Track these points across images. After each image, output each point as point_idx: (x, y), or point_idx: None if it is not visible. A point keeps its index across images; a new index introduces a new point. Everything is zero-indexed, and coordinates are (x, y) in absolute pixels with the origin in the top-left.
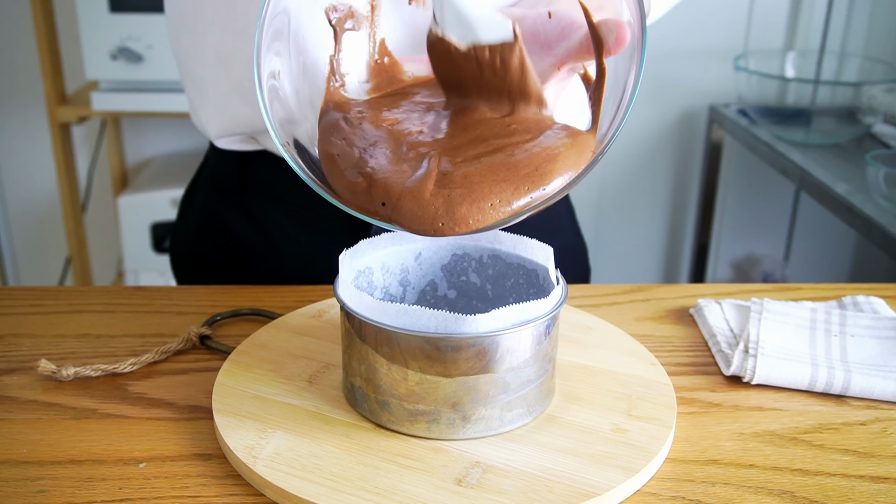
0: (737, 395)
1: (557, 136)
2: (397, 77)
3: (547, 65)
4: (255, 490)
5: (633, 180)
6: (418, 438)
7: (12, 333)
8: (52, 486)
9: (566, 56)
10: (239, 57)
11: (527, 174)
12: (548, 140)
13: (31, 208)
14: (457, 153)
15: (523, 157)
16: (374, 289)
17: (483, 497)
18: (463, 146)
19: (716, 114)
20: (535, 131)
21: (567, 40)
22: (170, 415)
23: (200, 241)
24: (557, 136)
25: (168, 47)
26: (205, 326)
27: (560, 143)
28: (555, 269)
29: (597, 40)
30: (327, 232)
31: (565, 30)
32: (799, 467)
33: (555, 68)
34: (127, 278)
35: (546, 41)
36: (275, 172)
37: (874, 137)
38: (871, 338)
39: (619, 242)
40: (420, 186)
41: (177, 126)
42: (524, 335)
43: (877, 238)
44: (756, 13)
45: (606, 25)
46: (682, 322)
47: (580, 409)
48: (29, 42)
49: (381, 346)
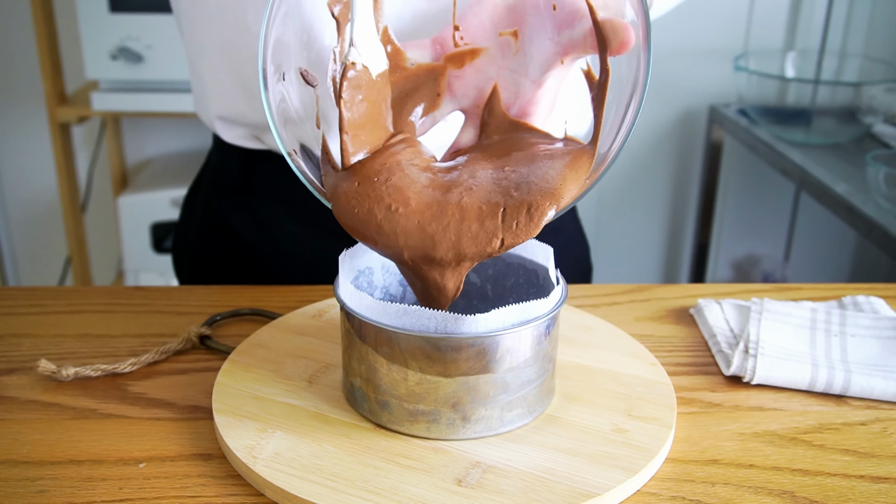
0: (737, 395)
1: (553, 165)
2: (400, 65)
3: (550, 52)
4: (255, 490)
5: (633, 180)
6: (418, 438)
7: (12, 333)
8: (52, 486)
9: (570, 46)
10: (243, 52)
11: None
12: (541, 170)
13: (31, 208)
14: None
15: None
16: (374, 289)
17: (483, 497)
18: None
19: (716, 114)
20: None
21: (571, 29)
22: (170, 415)
23: (203, 241)
24: (553, 165)
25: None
26: (205, 326)
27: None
28: (555, 269)
29: (601, 39)
30: (330, 231)
31: (568, 17)
32: (799, 467)
33: (558, 58)
34: (127, 278)
35: (548, 26)
36: (278, 172)
37: (874, 137)
38: (872, 338)
39: (619, 242)
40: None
41: (177, 126)
42: (524, 335)
43: (877, 238)
44: (756, 13)
45: (611, 26)
46: (682, 322)
47: (580, 409)
48: (29, 42)
49: (381, 346)
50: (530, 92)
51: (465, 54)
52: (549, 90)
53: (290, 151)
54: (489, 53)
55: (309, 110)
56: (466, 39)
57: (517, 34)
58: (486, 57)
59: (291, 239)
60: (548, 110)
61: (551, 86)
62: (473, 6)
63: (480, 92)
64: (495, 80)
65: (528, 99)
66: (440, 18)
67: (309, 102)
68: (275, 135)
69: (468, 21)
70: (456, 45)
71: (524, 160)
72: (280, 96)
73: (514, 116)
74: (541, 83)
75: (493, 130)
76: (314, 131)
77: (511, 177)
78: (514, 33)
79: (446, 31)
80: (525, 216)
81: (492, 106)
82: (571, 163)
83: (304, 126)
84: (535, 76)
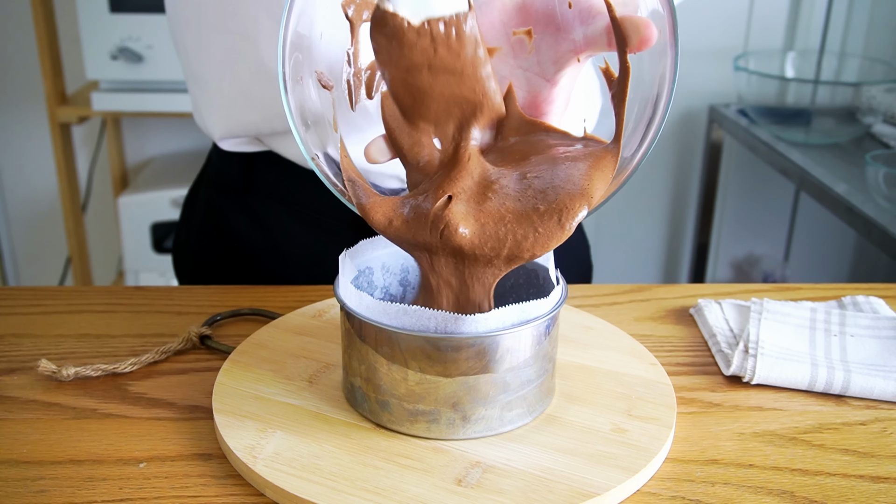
0: (737, 395)
1: (576, 169)
2: None
3: (564, 50)
4: (255, 490)
5: (633, 180)
6: (418, 438)
7: (12, 333)
8: (52, 486)
9: (587, 44)
10: (244, 61)
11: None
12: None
13: (31, 208)
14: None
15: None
16: (375, 289)
17: (483, 497)
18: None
19: (716, 114)
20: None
21: (586, 26)
22: (170, 415)
23: (203, 241)
24: (576, 169)
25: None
26: (205, 326)
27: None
28: (555, 269)
29: (619, 36)
30: (331, 231)
31: (583, 13)
32: (799, 467)
33: (574, 56)
34: (127, 278)
35: (562, 23)
36: (278, 172)
37: (874, 137)
38: (871, 338)
39: (619, 242)
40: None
41: (177, 126)
42: (524, 335)
43: (877, 238)
44: (756, 13)
45: (631, 22)
46: (682, 322)
47: (580, 409)
48: (29, 42)
49: (381, 346)
50: (545, 91)
51: None
52: (564, 88)
53: (314, 156)
54: (502, 53)
55: (326, 114)
56: None
57: (531, 33)
58: (499, 57)
59: (291, 239)
60: (563, 108)
61: (566, 84)
62: (483, 6)
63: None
64: (509, 79)
65: (543, 98)
66: None
67: (326, 105)
68: (297, 140)
69: (478, 21)
70: None
71: (546, 163)
72: (299, 100)
73: (530, 115)
74: (555, 81)
75: (510, 131)
76: (332, 135)
77: (535, 183)
78: (527, 32)
79: None
80: (555, 221)
81: (507, 106)
82: (595, 163)
83: (321, 130)
84: (549, 75)
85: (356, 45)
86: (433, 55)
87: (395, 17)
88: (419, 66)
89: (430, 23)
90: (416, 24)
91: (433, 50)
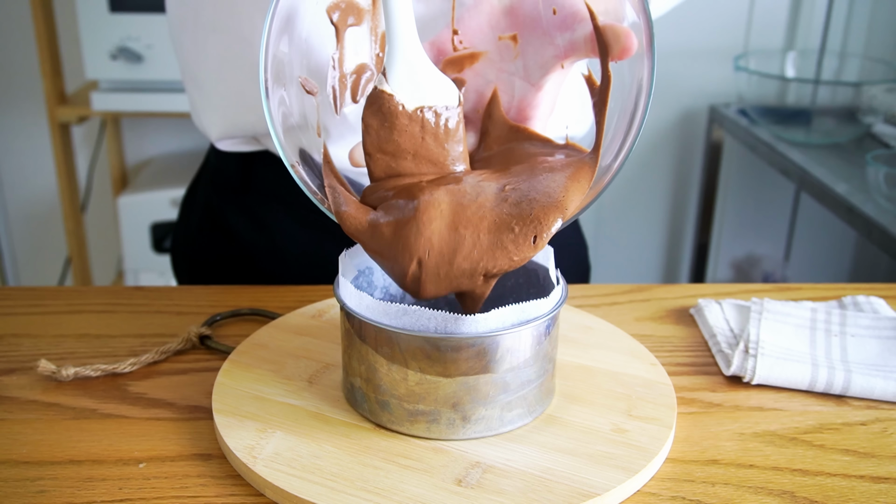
0: (737, 395)
1: (555, 178)
2: None
3: (549, 56)
4: (255, 490)
5: (634, 180)
6: (418, 438)
7: (12, 333)
8: (52, 486)
9: (570, 50)
10: (241, 62)
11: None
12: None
13: (31, 208)
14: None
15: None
16: (374, 289)
17: (483, 497)
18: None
19: (716, 114)
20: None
21: (570, 32)
22: (170, 415)
23: (202, 241)
24: (555, 178)
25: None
26: (205, 326)
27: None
28: (555, 269)
29: (602, 45)
30: (330, 231)
31: (567, 19)
32: (799, 467)
33: (558, 62)
34: (127, 278)
35: (547, 29)
36: (277, 172)
37: (874, 137)
38: (872, 338)
39: (619, 242)
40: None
41: (177, 126)
42: (524, 335)
43: (877, 238)
44: (756, 13)
45: (612, 31)
46: (682, 322)
47: (580, 409)
48: (29, 42)
49: (381, 347)
50: (530, 95)
51: (464, 58)
52: (549, 93)
53: (293, 163)
54: (488, 57)
55: (310, 119)
56: (465, 43)
57: (516, 38)
58: (486, 61)
59: (291, 239)
60: (547, 113)
61: (551, 88)
62: (471, 9)
63: (480, 96)
64: (495, 83)
65: (528, 102)
66: (438, 22)
67: (310, 111)
68: (276, 145)
69: (466, 24)
70: (455, 48)
71: (524, 174)
72: (282, 106)
73: (514, 120)
74: (540, 86)
75: (494, 135)
76: (316, 140)
77: (511, 196)
78: (513, 37)
79: (444, 34)
80: (528, 234)
81: (492, 111)
82: (574, 174)
83: (306, 135)
84: (534, 79)
85: (341, 49)
86: (420, 143)
87: (391, 99)
88: (405, 152)
89: (422, 110)
90: (409, 110)
91: (421, 138)
